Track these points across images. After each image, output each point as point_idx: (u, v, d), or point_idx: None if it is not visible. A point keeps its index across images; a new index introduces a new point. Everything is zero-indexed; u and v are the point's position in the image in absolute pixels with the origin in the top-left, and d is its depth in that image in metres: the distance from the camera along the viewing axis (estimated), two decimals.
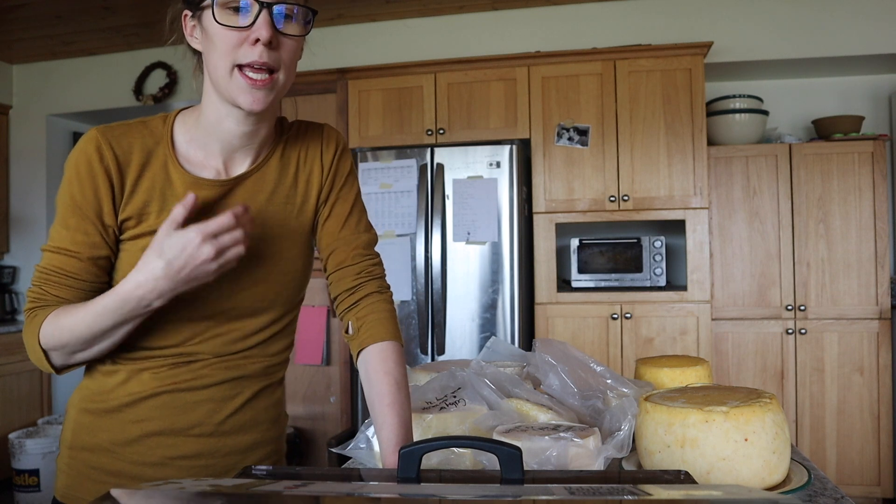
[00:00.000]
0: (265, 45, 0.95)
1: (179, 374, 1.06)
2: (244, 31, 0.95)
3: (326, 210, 1.15)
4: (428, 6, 3.86)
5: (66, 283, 1.00)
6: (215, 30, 0.96)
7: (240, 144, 1.06)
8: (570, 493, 0.69)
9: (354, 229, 1.16)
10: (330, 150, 1.16)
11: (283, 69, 0.99)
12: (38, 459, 3.63)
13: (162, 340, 1.05)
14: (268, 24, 0.94)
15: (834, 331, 3.38)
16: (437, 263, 3.34)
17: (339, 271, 1.14)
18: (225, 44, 0.96)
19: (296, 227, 1.12)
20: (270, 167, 1.10)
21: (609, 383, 1.35)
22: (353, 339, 1.12)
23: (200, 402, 1.07)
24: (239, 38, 0.95)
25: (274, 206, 1.10)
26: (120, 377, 1.06)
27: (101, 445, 1.06)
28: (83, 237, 1.00)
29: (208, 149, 1.06)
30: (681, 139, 3.35)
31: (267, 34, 0.94)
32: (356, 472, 0.95)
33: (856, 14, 3.50)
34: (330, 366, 3.75)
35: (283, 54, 0.98)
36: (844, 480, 3.34)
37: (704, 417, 0.96)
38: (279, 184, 1.10)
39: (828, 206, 3.40)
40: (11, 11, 3.74)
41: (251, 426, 1.13)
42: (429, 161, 3.38)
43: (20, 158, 4.54)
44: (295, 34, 0.98)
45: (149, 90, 4.35)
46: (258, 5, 0.94)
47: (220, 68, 0.97)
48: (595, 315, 3.41)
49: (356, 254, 1.15)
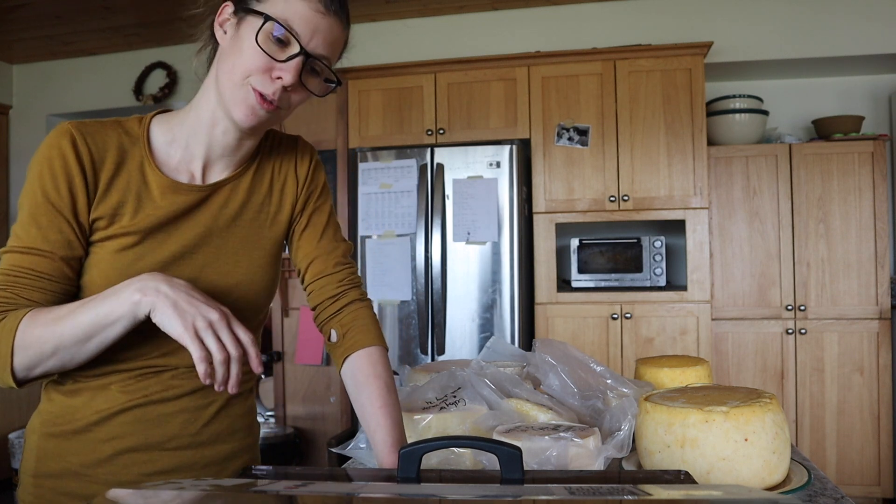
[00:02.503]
0: (283, 88, 0.96)
1: (149, 385, 1.02)
2: (274, 62, 0.95)
3: (304, 220, 1.16)
4: (428, 6, 3.86)
5: (39, 284, 0.94)
6: (250, 45, 0.95)
7: (222, 153, 1.06)
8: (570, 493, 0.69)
9: (332, 239, 1.17)
10: (304, 163, 1.17)
11: (286, 109, 1.00)
12: None
13: (129, 352, 1.00)
14: (296, 71, 0.95)
15: (834, 331, 3.38)
16: (437, 263, 3.34)
17: (319, 280, 1.15)
18: (252, 62, 0.95)
19: (268, 237, 1.12)
20: (246, 177, 1.10)
21: (609, 383, 1.35)
22: (337, 347, 1.12)
23: (174, 413, 1.04)
24: (267, 65, 0.95)
25: (247, 215, 1.10)
26: (84, 396, 1.01)
27: (69, 470, 1.01)
28: (57, 235, 0.95)
29: (190, 150, 1.04)
30: (681, 139, 3.35)
31: (291, 80, 0.95)
32: (356, 472, 0.95)
33: (856, 14, 3.50)
34: (330, 366, 3.75)
35: (296, 99, 1.00)
36: (844, 480, 3.34)
37: (704, 417, 0.96)
38: (253, 193, 1.10)
39: (828, 206, 3.40)
40: (11, 11, 3.74)
41: (227, 435, 1.11)
42: (429, 161, 3.38)
43: (20, 158, 4.54)
44: (313, 91, 1.00)
45: (149, 90, 4.35)
46: (300, 50, 0.95)
47: (234, 76, 0.96)
48: (595, 315, 3.41)
49: (336, 262, 1.15)
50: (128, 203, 1.00)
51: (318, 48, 0.96)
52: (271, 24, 0.93)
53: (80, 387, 1.01)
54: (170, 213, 1.01)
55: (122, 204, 0.99)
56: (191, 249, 1.04)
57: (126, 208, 1.00)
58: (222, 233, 1.07)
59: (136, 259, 0.99)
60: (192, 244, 1.04)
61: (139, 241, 1.00)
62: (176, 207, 1.02)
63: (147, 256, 1.00)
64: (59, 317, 0.89)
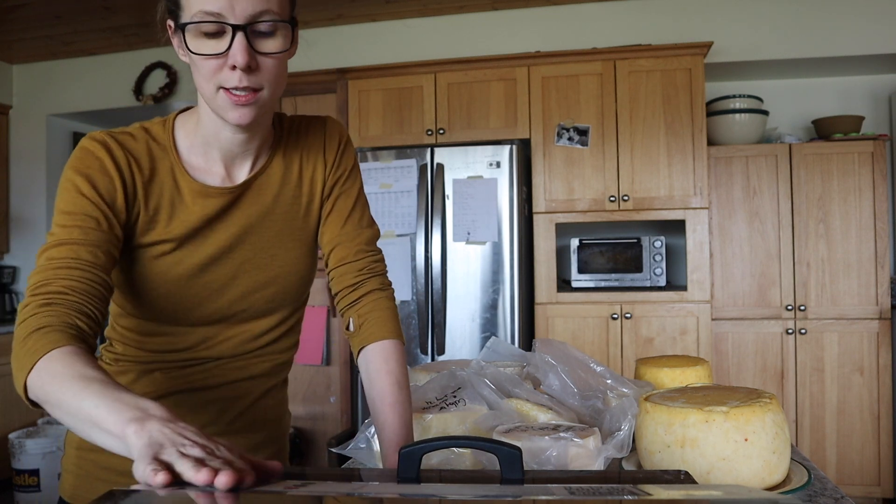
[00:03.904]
0: (243, 71, 0.91)
1: (192, 373, 1.07)
2: (221, 57, 0.90)
3: (329, 205, 1.13)
4: (428, 6, 3.86)
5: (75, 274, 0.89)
6: (195, 57, 0.92)
7: (239, 150, 1.04)
8: (570, 493, 0.69)
9: (357, 225, 1.14)
10: (333, 146, 1.14)
11: (267, 86, 0.94)
12: (38, 459, 3.62)
13: (174, 345, 1.05)
14: (243, 49, 0.89)
15: (834, 331, 3.38)
16: (437, 263, 3.34)
17: (340, 267, 1.13)
18: (205, 69, 0.92)
19: (302, 227, 1.11)
20: (274, 168, 1.08)
21: (609, 383, 1.35)
22: (354, 336, 1.12)
23: (212, 401, 1.08)
24: (217, 64, 0.91)
25: (280, 207, 1.09)
26: (129, 377, 1.06)
27: None
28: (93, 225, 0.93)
29: (209, 155, 1.04)
30: (681, 139, 3.35)
31: (243, 60, 0.89)
32: (356, 472, 0.95)
33: (856, 14, 3.50)
34: (330, 366, 3.75)
35: (266, 73, 0.93)
36: (844, 480, 3.34)
37: (704, 417, 0.96)
38: (284, 185, 1.09)
39: (828, 206, 3.40)
40: (11, 11, 3.74)
41: (259, 425, 1.14)
42: (429, 161, 3.38)
43: (20, 158, 4.54)
44: (276, 51, 0.93)
45: (149, 90, 4.35)
46: (231, 29, 0.89)
47: (205, 89, 0.94)
48: (595, 315, 3.41)
49: (358, 250, 1.13)
50: (162, 210, 1.00)
51: (246, 11, 0.89)
52: (192, 28, 0.90)
53: (126, 368, 1.06)
54: (203, 217, 1.02)
55: (157, 211, 1.00)
56: (227, 250, 1.05)
57: (161, 215, 1.00)
58: (256, 229, 1.06)
59: (174, 264, 1.01)
60: (227, 245, 1.05)
61: (176, 247, 1.01)
62: (208, 211, 1.02)
63: (185, 261, 1.02)
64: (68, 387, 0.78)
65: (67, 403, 0.77)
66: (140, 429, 0.69)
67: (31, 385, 0.81)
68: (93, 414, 0.74)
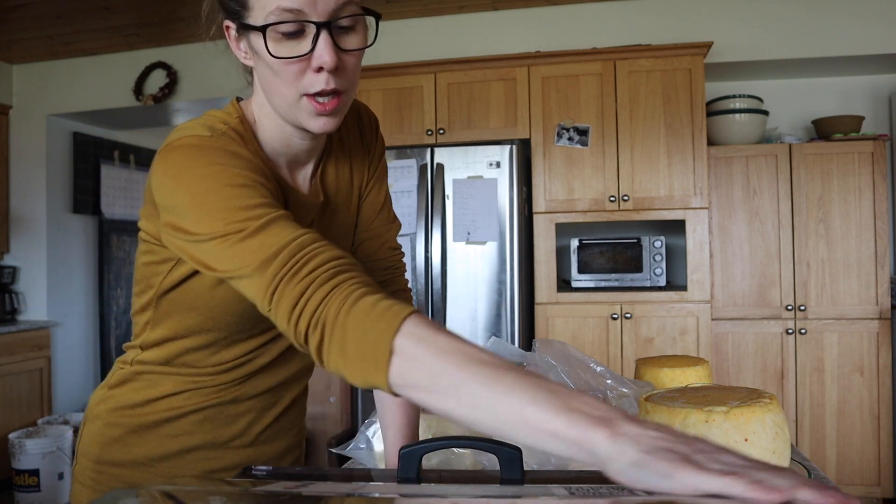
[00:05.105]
0: (330, 73, 0.82)
1: (229, 386, 1.02)
2: (304, 59, 0.82)
3: (364, 195, 1.08)
4: (428, 6, 3.86)
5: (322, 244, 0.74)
6: (273, 62, 0.82)
7: (306, 158, 0.97)
8: (570, 493, 0.69)
9: (385, 220, 1.10)
10: (371, 134, 1.08)
11: (350, 88, 0.87)
12: (38, 459, 3.62)
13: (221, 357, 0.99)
14: (330, 48, 0.81)
15: (834, 331, 3.38)
16: (437, 263, 3.34)
17: (368, 263, 1.10)
18: (287, 74, 0.83)
19: (350, 224, 1.07)
20: (329, 169, 1.01)
21: (609, 383, 1.35)
22: None
23: (242, 413, 1.03)
24: (301, 67, 0.82)
25: (337, 206, 1.03)
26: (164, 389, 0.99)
27: (134, 460, 1.00)
28: (272, 198, 0.80)
29: (277, 162, 0.95)
30: (681, 139, 3.35)
31: (331, 61, 0.81)
32: (356, 472, 0.95)
33: (856, 14, 3.50)
34: None
35: (349, 73, 0.85)
36: (844, 480, 3.34)
37: (704, 417, 0.96)
38: (339, 182, 1.03)
39: (828, 206, 3.40)
40: (11, 11, 3.74)
41: (283, 433, 1.11)
42: (429, 161, 3.38)
43: (20, 158, 4.53)
44: (359, 47, 0.85)
45: (149, 90, 4.34)
46: (314, 27, 0.80)
47: (287, 96, 0.85)
48: (595, 315, 3.41)
49: (386, 247, 1.11)
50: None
51: (329, 5, 0.81)
52: (272, 31, 0.81)
53: (164, 380, 0.99)
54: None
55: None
56: None
57: None
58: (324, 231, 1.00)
59: None
60: None
61: None
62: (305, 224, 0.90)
63: None
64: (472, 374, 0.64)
65: (479, 396, 0.62)
66: (613, 434, 0.57)
67: (397, 372, 0.65)
68: (527, 413, 0.60)
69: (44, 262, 4.50)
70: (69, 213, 4.70)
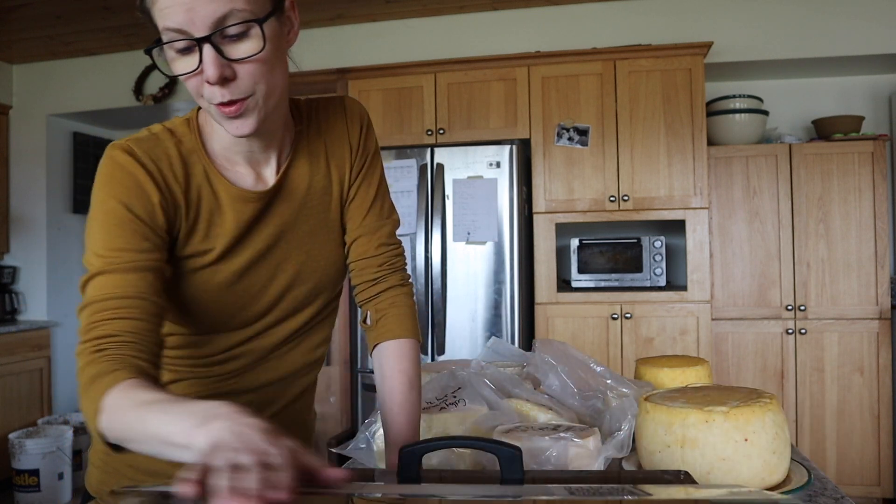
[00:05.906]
0: (219, 85, 0.84)
1: (223, 378, 1.05)
2: (197, 73, 0.85)
3: (352, 193, 1.09)
4: (428, 6, 3.86)
5: (128, 312, 0.84)
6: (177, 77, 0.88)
7: (261, 153, 1.00)
8: (570, 493, 0.69)
9: (378, 216, 1.10)
10: (355, 129, 1.08)
11: (256, 90, 0.87)
12: (38, 459, 3.62)
13: (209, 351, 1.02)
14: (212, 62, 0.82)
15: (834, 331, 3.38)
16: (437, 263, 3.34)
17: (361, 261, 1.11)
18: (191, 87, 0.88)
19: (335, 219, 1.08)
20: (301, 162, 1.03)
21: (609, 383, 1.35)
22: (370, 331, 1.11)
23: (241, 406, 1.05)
24: (199, 81, 0.86)
25: (312, 201, 1.05)
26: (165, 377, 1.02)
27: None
28: (145, 244, 0.88)
29: (234, 158, 0.99)
30: (681, 139, 3.35)
31: (213, 75, 0.83)
32: (356, 472, 0.95)
33: (856, 14, 3.50)
34: (330, 366, 3.75)
35: (247, 78, 0.86)
36: (844, 480, 3.34)
37: (704, 417, 0.96)
38: (313, 177, 1.04)
39: (828, 206, 3.40)
40: (11, 11, 3.74)
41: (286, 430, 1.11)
42: (429, 161, 3.38)
43: (20, 158, 4.53)
44: (251, 54, 0.84)
45: (149, 90, 4.34)
46: (195, 44, 0.82)
47: (203, 105, 0.90)
48: (595, 315, 3.41)
49: (380, 244, 1.11)
50: (201, 219, 0.96)
51: (207, 19, 0.81)
52: (169, 49, 0.85)
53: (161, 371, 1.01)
54: (241, 224, 0.98)
55: (196, 220, 0.96)
56: (264, 253, 1.01)
57: (200, 225, 0.96)
58: (291, 228, 1.03)
59: (213, 274, 0.98)
60: (265, 248, 1.01)
61: (216, 258, 0.97)
62: (246, 217, 0.98)
63: (223, 270, 0.98)
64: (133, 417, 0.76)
65: (136, 431, 0.74)
66: (206, 432, 0.66)
67: (104, 430, 0.78)
68: (161, 432, 0.71)
69: (44, 262, 4.51)
70: (69, 213, 4.70)
